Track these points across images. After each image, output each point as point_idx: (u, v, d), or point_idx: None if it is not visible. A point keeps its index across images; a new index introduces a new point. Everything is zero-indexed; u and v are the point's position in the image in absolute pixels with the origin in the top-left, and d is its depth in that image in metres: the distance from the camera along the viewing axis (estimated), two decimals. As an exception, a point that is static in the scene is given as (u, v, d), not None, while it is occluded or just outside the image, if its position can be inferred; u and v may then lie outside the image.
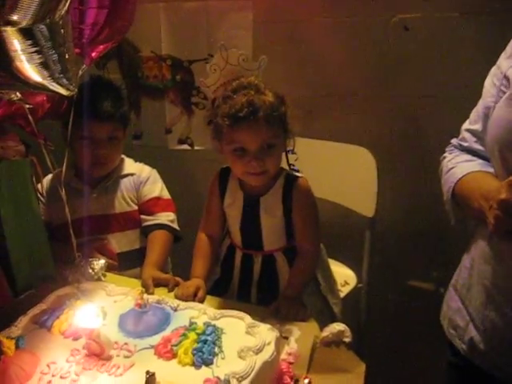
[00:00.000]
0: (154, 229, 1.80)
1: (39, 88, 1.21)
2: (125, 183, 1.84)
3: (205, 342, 1.13)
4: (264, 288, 1.60)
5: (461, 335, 1.35)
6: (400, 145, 2.08)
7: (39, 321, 1.28)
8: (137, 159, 1.94)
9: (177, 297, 1.46)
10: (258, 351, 1.11)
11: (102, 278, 1.57)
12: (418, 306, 2.18)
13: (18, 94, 1.29)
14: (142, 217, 1.84)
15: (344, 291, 1.93)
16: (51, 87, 1.21)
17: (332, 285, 1.72)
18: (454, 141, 1.45)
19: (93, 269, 1.58)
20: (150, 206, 1.84)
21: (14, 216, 1.49)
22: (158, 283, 1.55)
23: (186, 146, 2.35)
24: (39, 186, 1.63)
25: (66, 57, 1.21)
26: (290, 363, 1.23)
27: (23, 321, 1.28)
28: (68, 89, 1.24)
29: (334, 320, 1.60)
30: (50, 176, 1.80)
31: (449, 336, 1.41)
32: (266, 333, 1.17)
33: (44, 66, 1.17)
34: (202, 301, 1.45)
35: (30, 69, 1.15)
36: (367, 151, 1.92)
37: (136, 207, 1.85)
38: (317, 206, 1.58)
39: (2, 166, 1.45)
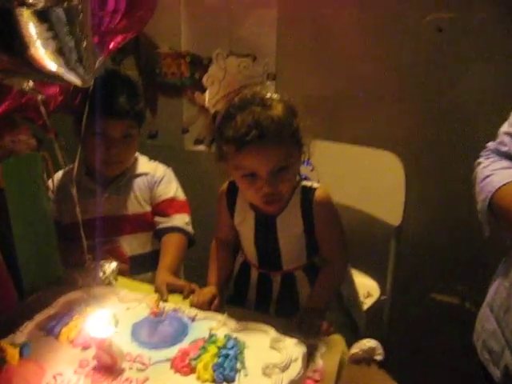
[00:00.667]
0: (168, 232, 1.70)
1: (53, 77, 1.13)
2: (138, 183, 1.75)
3: (226, 356, 1.04)
4: (283, 307, 1.47)
5: (495, 361, 1.25)
6: (429, 151, 1.98)
7: (46, 327, 1.19)
8: (151, 159, 1.85)
9: (192, 304, 1.35)
10: (285, 368, 1.03)
11: (114, 283, 1.48)
12: (441, 321, 2.08)
13: (30, 83, 1.20)
14: (156, 219, 1.75)
15: (367, 303, 1.83)
16: (66, 76, 1.12)
17: (355, 297, 1.62)
18: (490, 145, 1.35)
19: (104, 272, 1.49)
20: (165, 207, 1.75)
21: (22, 213, 1.40)
22: (173, 289, 1.45)
23: (202, 147, 2.26)
24: (49, 182, 1.54)
25: (84, 44, 1.12)
26: (316, 381, 1.13)
27: (29, 326, 1.19)
28: (84, 79, 1.15)
29: (357, 334, 1.52)
30: (60, 173, 1.71)
31: (482, 360, 1.31)
32: (292, 348, 1.08)
33: (59, 52, 1.08)
34: (218, 309, 1.34)
35: (44, 55, 1.07)
36: (395, 156, 1.83)
37: (149, 208, 1.76)
38: (339, 215, 1.44)
39: (12, 161, 1.36)
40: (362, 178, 1.90)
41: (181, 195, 1.79)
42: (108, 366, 1.03)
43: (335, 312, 1.48)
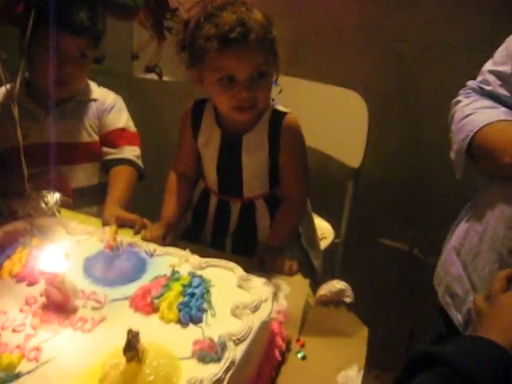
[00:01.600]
0: (117, 163, 1.61)
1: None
2: (86, 109, 1.63)
3: (192, 295, 0.96)
4: (240, 239, 1.43)
5: (458, 305, 1.23)
6: (393, 92, 1.91)
7: (-16, 260, 1.06)
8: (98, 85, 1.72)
9: (144, 240, 1.27)
10: (255, 309, 0.96)
11: (57, 214, 1.35)
12: (389, 266, 2.09)
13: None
14: (104, 149, 1.64)
15: (322, 245, 1.78)
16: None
17: (313, 237, 1.58)
18: (471, 83, 1.29)
19: (46, 203, 1.35)
20: (115, 137, 1.64)
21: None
22: (123, 224, 1.35)
23: (153, 76, 2.10)
24: (-16, 101, 1.37)
25: None
26: (281, 323, 1.08)
27: (-36, 259, 1.05)
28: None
29: (313, 274, 1.48)
30: (-5, 91, 1.54)
31: (443, 304, 1.30)
32: (261, 288, 1.02)
33: None
34: (171, 244, 1.25)
35: None
36: (358, 95, 1.76)
37: (97, 138, 1.64)
38: (305, 147, 1.40)
39: None
40: (323, 117, 1.83)
41: (131, 126, 1.70)
42: (59, 303, 0.93)
43: (293, 251, 1.44)
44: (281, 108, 1.37)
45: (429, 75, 1.86)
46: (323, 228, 1.91)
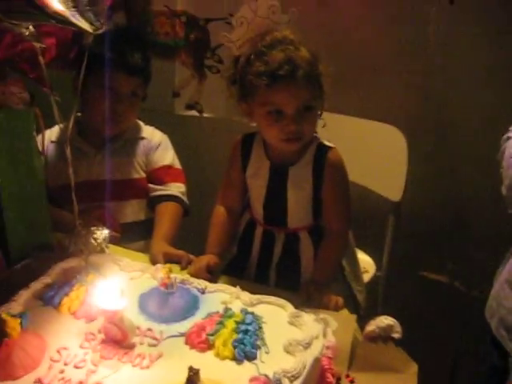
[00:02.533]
0: (164, 200, 1.64)
1: (59, 20, 1.02)
2: (134, 147, 1.68)
3: (246, 332, 0.98)
4: (284, 270, 1.44)
5: None
6: (432, 127, 1.93)
7: (43, 297, 1.10)
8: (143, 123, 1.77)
9: (189, 274, 1.30)
10: (307, 346, 0.97)
11: (106, 250, 1.38)
12: (431, 298, 2.07)
13: (31, 28, 1.08)
14: (151, 186, 1.67)
15: (364, 279, 1.78)
16: (74, 20, 1.02)
17: (357, 271, 1.58)
18: None
19: (95, 239, 1.39)
20: (161, 174, 1.68)
21: (11, 171, 1.30)
22: (169, 260, 1.38)
23: (194, 112, 2.16)
24: (38, 140, 1.42)
25: (96, -14, 1.02)
26: (330, 358, 1.08)
27: (24, 295, 1.09)
28: (94, 25, 1.05)
29: (357, 308, 1.48)
30: (48, 131, 1.59)
31: (498, 336, 1.29)
32: (312, 324, 1.03)
33: (68, -7, 0.98)
34: (214, 276, 1.31)
35: (52, -5, 0.96)
36: (398, 130, 1.77)
37: (144, 175, 1.68)
38: (348, 182, 1.42)
39: (2, 115, 1.24)
40: (363, 152, 1.84)
41: (177, 164, 1.73)
42: (118, 340, 0.95)
43: (337, 284, 1.45)
44: (325, 142, 1.41)
45: (468, 109, 1.87)
46: (364, 261, 1.90)
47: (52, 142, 1.61)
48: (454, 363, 1.99)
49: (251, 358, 0.94)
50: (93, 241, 1.38)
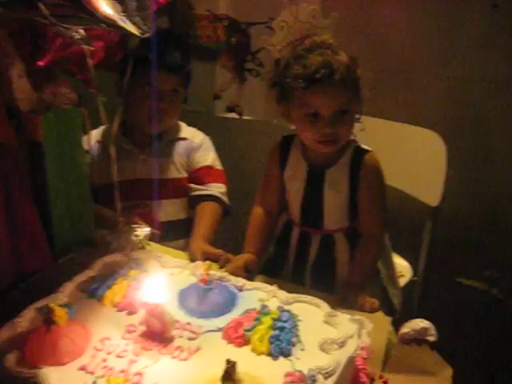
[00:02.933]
0: (204, 200, 1.68)
1: (108, 24, 1.07)
2: (176, 147, 1.72)
3: (282, 329, 0.99)
4: (319, 272, 1.46)
5: None
6: (472, 133, 1.92)
7: (87, 289, 1.14)
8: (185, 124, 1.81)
9: (227, 272, 1.31)
10: (342, 345, 0.98)
11: (147, 247, 1.42)
12: (467, 306, 2.05)
13: (81, 31, 1.13)
14: (192, 185, 1.71)
15: (400, 283, 1.78)
16: (122, 24, 1.06)
17: (392, 274, 1.58)
18: None
19: (137, 236, 1.43)
20: (202, 174, 1.72)
21: (59, 170, 1.34)
22: (208, 258, 1.40)
23: (234, 115, 2.20)
24: (84, 140, 1.47)
25: (145, -8, 1.06)
26: (364, 359, 1.09)
27: (68, 287, 1.13)
28: (141, 29, 1.09)
29: (392, 312, 1.48)
30: (94, 131, 1.64)
31: None
32: (347, 324, 1.04)
33: (119, -1, 1.02)
34: (251, 271, 1.35)
35: (102, 0, 1.01)
36: (436, 135, 1.77)
37: (186, 175, 1.72)
38: (385, 185, 1.44)
39: (51, 115, 1.29)
40: (402, 156, 1.84)
41: (218, 164, 1.76)
42: (158, 332, 0.99)
43: (372, 287, 1.45)
44: (363, 146, 1.42)
45: (509, 114, 1.86)
46: (401, 266, 1.90)
47: (97, 141, 1.65)
48: (491, 372, 1.97)
49: (286, 354, 0.95)
50: (134, 238, 1.42)
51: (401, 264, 1.91)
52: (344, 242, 1.45)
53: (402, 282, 1.82)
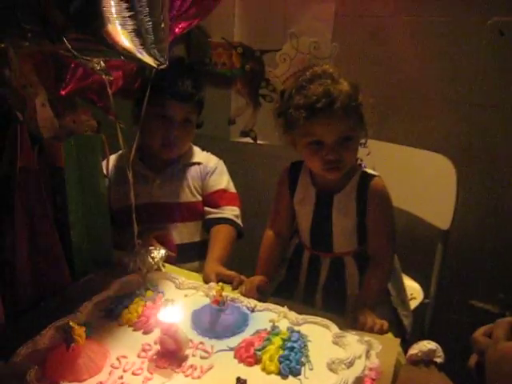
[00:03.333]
0: (218, 222, 1.70)
1: (127, 56, 1.12)
2: (191, 172, 1.75)
3: (292, 349, 1.03)
4: (330, 294, 1.49)
5: None
6: (482, 157, 1.95)
7: (105, 308, 1.19)
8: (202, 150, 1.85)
9: (241, 294, 1.34)
10: (350, 365, 1.01)
11: (162, 269, 1.47)
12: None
13: (101, 63, 1.19)
14: (206, 209, 1.74)
15: (411, 305, 1.80)
16: (140, 56, 1.12)
17: (403, 295, 1.60)
18: None
19: (153, 258, 1.48)
20: (216, 198, 1.74)
21: (79, 194, 1.40)
22: (222, 280, 1.43)
23: (248, 139, 2.24)
24: (103, 165, 1.53)
25: (162, 26, 1.12)
26: (373, 379, 1.11)
27: (87, 307, 1.18)
28: (158, 60, 1.14)
29: (402, 334, 1.50)
30: (112, 156, 1.67)
31: None
32: (355, 345, 1.07)
33: (137, 33, 1.08)
34: (264, 296, 1.35)
35: (121, 34, 1.07)
36: (446, 159, 1.79)
37: (200, 198, 1.75)
38: (393, 209, 1.46)
39: (72, 141, 1.35)
40: (412, 180, 1.87)
41: (232, 188, 1.79)
42: (172, 351, 1.02)
43: (382, 309, 1.46)
44: (369, 171, 1.45)
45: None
46: (412, 288, 1.92)
47: (116, 166, 1.69)
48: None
49: (296, 373, 0.99)
50: (150, 260, 1.46)
51: (412, 286, 1.93)
52: (353, 264, 1.48)
53: (414, 304, 1.84)
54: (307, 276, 1.52)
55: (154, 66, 1.14)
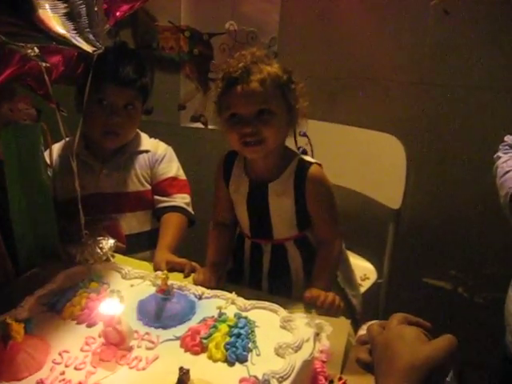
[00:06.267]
0: (168, 211, 1.68)
1: (61, 42, 1.07)
2: (139, 160, 1.71)
3: (238, 335, 1.01)
4: (275, 280, 1.49)
5: None
6: (428, 135, 1.97)
7: (48, 302, 1.15)
8: (148, 136, 1.81)
9: (197, 282, 1.34)
10: (297, 349, 1.00)
11: (111, 259, 1.44)
12: (434, 305, 2.09)
13: (35, 49, 1.14)
14: (156, 197, 1.71)
15: (364, 286, 1.83)
16: (75, 42, 1.08)
17: (350, 276, 1.61)
18: (507, 139, 1.36)
19: (101, 248, 1.45)
20: (166, 186, 1.72)
21: (20, 186, 1.36)
22: (172, 268, 1.42)
23: (199, 124, 2.22)
24: (46, 155, 1.48)
25: (95, 9, 1.08)
26: (323, 362, 1.12)
27: (29, 301, 1.15)
28: (94, 45, 1.11)
29: (353, 315, 1.51)
30: (56, 145, 1.63)
31: (509, 344, 1.33)
32: (303, 328, 1.06)
33: (69, 17, 1.04)
34: (223, 287, 1.32)
35: (53, 19, 1.02)
36: (396, 139, 1.81)
37: (149, 187, 1.72)
38: (333, 193, 1.44)
39: (10, 131, 1.30)
40: (362, 161, 1.89)
41: (182, 175, 1.77)
42: (116, 343, 1.00)
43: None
44: (307, 158, 1.43)
45: (467, 117, 1.91)
46: (366, 268, 1.94)
47: (59, 156, 1.64)
48: (460, 370, 2.01)
49: (242, 360, 0.97)
50: (99, 250, 1.44)
51: (366, 267, 1.95)
52: (295, 249, 1.47)
53: (368, 284, 1.86)
54: (251, 264, 1.52)
55: (90, 51, 1.10)
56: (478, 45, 1.81)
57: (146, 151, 1.73)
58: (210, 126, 2.20)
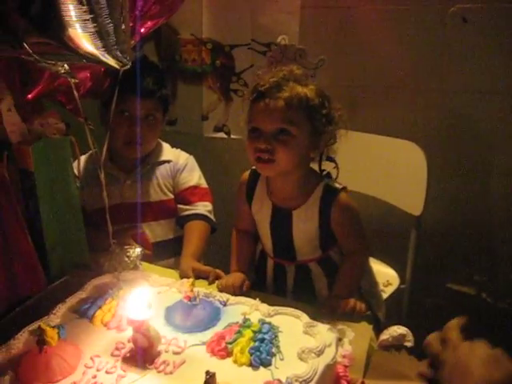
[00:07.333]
0: (191, 219, 1.72)
1: (90, 59, 1.12)
2: (161, 170, 1.76)
3: (262, 340, 1.05)
4: (300, 297, 1.45)
5: None
6: (451, 142, 1.97)
7: (79, 310, 1.20)
8: (171, 146, 1.86)
9: (221, 289, 1.37)
10: (320, 353, 1.03)
11: (140, 267, 1.48)
12: (458, 311, 2.08)
13: (65, 66, 1.19)
14: (179, 206, 1.76)
15: (387, 292, 1.84)
16: (103, 59, 1.12)
17: (374, 288, 1.62)
18: None
19: (129, 257, 1.49)
20: (188, 194, 1.76)
21: (51, 197, 1.41)
22: (198, 275, 1.46)
23: (222, 134, 2.26)
24: (74, 166, 1.53)
25: (122, 27, 1.13)
26: (346, 366, 1.14)
27: (61, 309, 1.20)
28: (121, 62, 1.15)
29: (377, 324, 1.52)
30: (82, 158, 1.67)
31: None
32: (325, 333, 1.09)
33: (98, 35, 1.09)
34: (247, 293, 1.36)
35: (82, 38, 1.07)
36: (416, 146, 1.82)
37: (172, 196, 1.77)
38: (359, 213, 1.42)
39: (41, 144, 1.36)
40: (383, 168, 1.89)
41: (203, 183, 1.80)
42: (145, 348, 1.04)
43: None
44: (333, 184, 1.40)
45: (487, 123, 1.92)
46: (388, 275, 1.95)
47: (85, 167, 1.69)
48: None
49: (266, 364, 1.01)
50: (126, 259, 1.48)
51: (388, 273, 1.96)
52: (319, 269, 1.47)
53: (390, 290, 1.87)
54: (274, 282, 1.52)
55: (117, 67, 1.14)
56: (497, 51, 1.82)
57: (168, 161, 1.78)
58: (232, 136, 2.24)
